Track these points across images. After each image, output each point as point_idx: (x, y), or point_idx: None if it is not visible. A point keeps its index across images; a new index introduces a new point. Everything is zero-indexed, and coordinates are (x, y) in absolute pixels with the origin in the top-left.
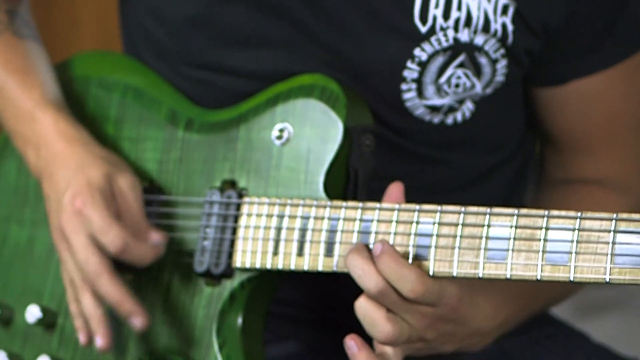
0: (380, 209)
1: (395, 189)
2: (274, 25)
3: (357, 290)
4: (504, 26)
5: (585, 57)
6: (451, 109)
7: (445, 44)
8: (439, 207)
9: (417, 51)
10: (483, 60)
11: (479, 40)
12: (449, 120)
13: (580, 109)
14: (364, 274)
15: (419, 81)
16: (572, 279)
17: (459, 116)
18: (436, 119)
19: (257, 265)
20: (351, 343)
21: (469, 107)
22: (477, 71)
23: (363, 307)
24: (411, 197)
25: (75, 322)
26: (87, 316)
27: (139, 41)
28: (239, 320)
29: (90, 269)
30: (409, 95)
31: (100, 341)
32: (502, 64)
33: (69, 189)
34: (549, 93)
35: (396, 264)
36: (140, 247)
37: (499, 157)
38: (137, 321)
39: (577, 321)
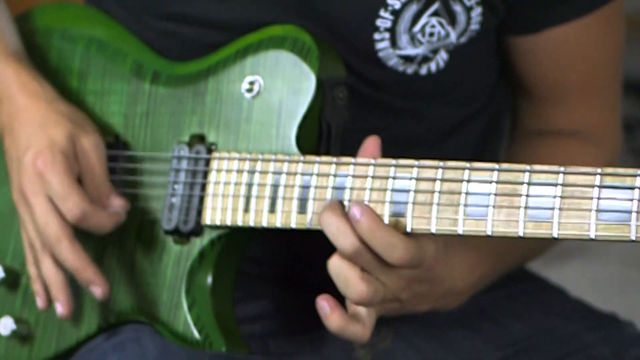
0: (355, 164)
1: (372, 143)
2: None
3: (331, 249)
4: None
5: (561, 5)
6: (425, 59)
7: None
8: (416, 162)
9: None
10: (457, 8)
11: None
12: (423, 70)
13: (555, 58)
14: (339, 233)
15: (392, 30)
16: (555, 236)
17: (432, 66)
18: (410, 70)
19: (228, 223)
20: (323, 303)
21: (442, 57)
22: (452, 20)
23: (337, 266)
24: (384, 150)
25: (33, 286)
26: (47, 281)
27: None
28: (209, 280)
29: (50, 233)
30: (382, 45)
31: (60, 309)
32: (476, 12)
33: (30, 149)
34: (523, 41)
35: (381, 231)
36: (99, 216)
37: (473, 108)
38: (97, 291)
39: (539, 268)
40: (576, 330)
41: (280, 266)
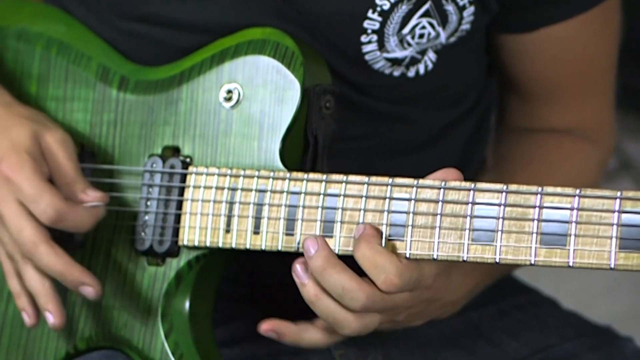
0: (347, 182)
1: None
2: None
3: None
4: None
5: (558, 2)
6: (413, 61)
7: None
8: (415, 182)
9: None
10: (450, 7)
11: None
12: (411, 72)
13: (552, 56)
14: (346, 293)
15: (380, 32)
16: (571, 264)
17: (421, 68)
18: (397, 72)
19: (207, 244)
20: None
21: (431, 57)
22: (443, 20)
23: (329, 309)
24: (370, 158)
25: (17, 302)
26: (33, 292)
27: None
28: (187, 304)
29: (25, 240)
30: (369, 47)
31: (52, 319)
32: (469, 11)
33: None
34: (518, 40)
35: (372, 252)
36: (76, 213)
37: (461, 109)
38: (89, 291)
39: (526, 276)
40: (574, 349)
41: (256, 285)
